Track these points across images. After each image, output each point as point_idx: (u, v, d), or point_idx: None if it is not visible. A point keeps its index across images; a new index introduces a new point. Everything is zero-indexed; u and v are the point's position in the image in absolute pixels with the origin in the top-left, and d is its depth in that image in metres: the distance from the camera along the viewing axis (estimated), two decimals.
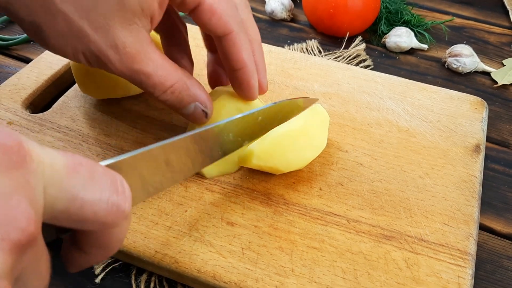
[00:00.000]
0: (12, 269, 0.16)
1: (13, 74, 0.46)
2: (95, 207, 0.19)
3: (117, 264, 0.35)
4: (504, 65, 0.56)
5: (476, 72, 0.55)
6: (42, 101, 0.45)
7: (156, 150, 0.26)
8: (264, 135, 0.36)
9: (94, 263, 0.23)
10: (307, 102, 0.38)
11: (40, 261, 0.18)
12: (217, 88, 0.40)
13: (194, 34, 0.51)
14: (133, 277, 0.35)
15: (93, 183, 0.19)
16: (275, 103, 0.35)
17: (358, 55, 0.57)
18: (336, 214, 0.36)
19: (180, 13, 0.62)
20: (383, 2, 0.60)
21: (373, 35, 0.60)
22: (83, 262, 0.23)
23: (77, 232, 0.21)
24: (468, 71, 0.54)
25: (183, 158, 0.29)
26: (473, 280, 0.32)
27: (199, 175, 0.38)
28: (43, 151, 0.18)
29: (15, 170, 0.16)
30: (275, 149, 0.35)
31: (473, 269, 0.33)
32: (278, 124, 0.36)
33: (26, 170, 0.17)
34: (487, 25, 0.63)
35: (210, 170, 0.37)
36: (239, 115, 0.32)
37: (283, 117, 0.36)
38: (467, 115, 0.44)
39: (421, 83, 0.47)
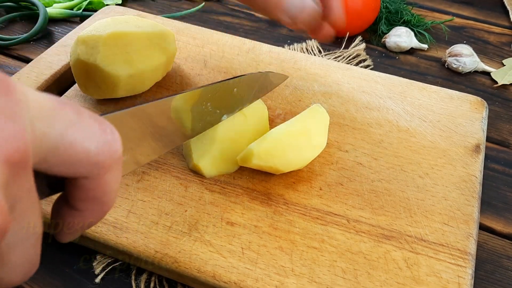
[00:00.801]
0: (6, 185, 0.15)
1: (13, 74, 0.46)
2: (86, 145, 0.18)
3: (117, 264, 0.35)
4: (504, 65, 0.56)
5: (476, 72, 0.55)
6: None
7: (143, 109, 0.27)
8: (264, 135, 0.36)
9: (88, 225, 0.21)
10: (278, 78, 0.40)
11: (34, 198, 0.17)
12: None
13: (194, 34, 0.51)
14: (133, 277, 0.35)
15: (81, 122, 0.18)
16: (247, 74, 0.36)
17: (358, 55, 0.57)
18: (336, 214, 0.36)
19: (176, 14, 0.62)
20: (383, 2, 0.60)
21: (373, 35, 0.60)
22: (77, 225, 0.21)
23: (70, 184, 0.20)
24: (468, 71, 0.54)
25: (167, 123, 0.29)
26: (473, 280, 0.32)
27: (199, 175, 0.38)
28: (26, 87, 0.17)
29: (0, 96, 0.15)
30: (275, 149, 0.35)
31: (473, 269, 0.33)
32: (253, 101, 0.37)
33: (11, 98, 0.16)
34: (487, 25, 0.63)
35: (210, 170, 0.37)
36: (216, 82, 0.34)
37: (257, 92, 0.37)
38: (467, 115, 0.44)
39: (421, 83, 0.47)
